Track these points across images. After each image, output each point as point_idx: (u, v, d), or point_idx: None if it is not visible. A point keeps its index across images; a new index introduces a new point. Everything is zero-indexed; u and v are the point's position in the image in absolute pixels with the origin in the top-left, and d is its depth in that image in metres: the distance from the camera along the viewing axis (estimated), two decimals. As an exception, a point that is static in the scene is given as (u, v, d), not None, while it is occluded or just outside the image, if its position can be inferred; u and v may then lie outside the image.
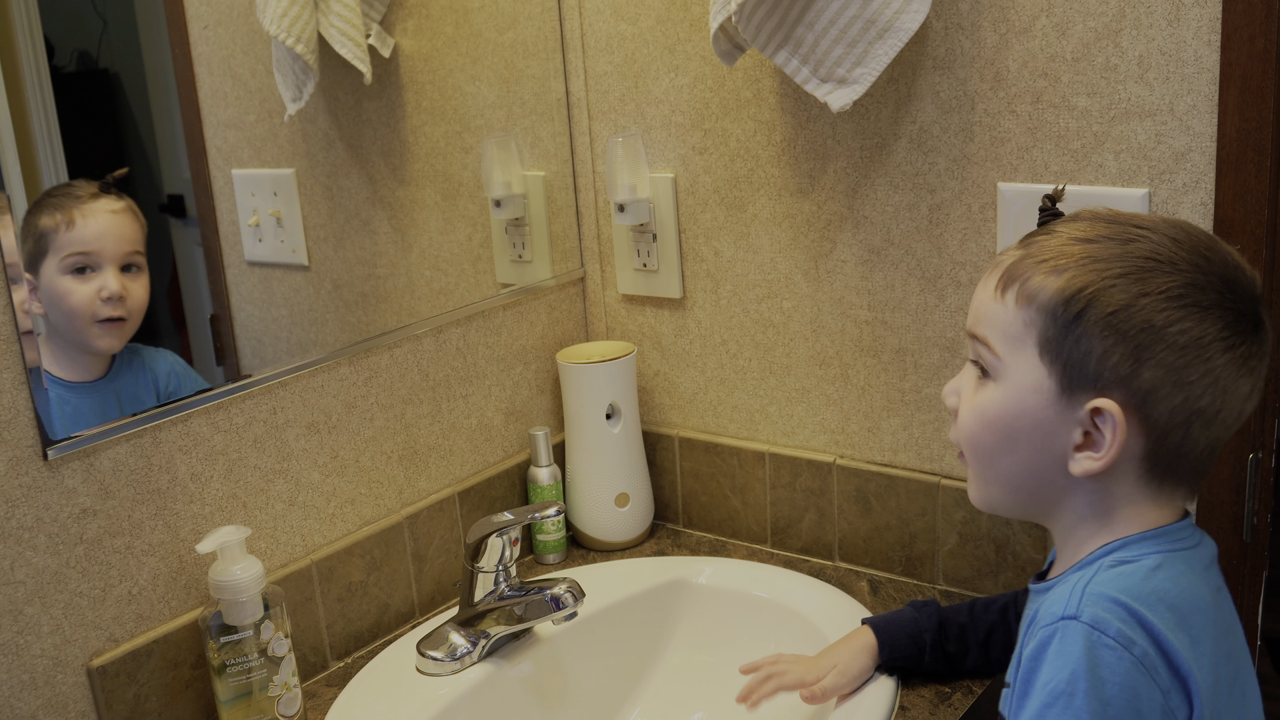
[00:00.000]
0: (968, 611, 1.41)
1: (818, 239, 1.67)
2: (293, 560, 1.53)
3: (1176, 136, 1.37)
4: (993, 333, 1.08)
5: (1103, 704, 0.95)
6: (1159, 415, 1.02)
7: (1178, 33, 1.35)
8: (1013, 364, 1.06)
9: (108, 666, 1.33)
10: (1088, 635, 0.98)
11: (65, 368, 1.36)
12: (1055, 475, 1.07)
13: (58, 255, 1.34)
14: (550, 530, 1.81)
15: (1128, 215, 1.07)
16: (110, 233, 1.38)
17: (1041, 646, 1.00)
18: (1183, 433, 1.03)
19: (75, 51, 1.37)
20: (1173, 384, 1.01)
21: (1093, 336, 1.01)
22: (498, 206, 1.83)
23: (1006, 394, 1.07)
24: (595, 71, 1.83)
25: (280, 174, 1.59)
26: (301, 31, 1.55)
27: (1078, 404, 1.03)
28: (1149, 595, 1.01)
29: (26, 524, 1.26)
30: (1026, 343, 1.05)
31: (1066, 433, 1.05)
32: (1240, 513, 1.41)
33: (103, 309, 1.37)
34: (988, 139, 1.50)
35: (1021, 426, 1.06)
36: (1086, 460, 1.04)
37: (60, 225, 1.33)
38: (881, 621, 1.42)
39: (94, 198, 1.36)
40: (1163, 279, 1.01)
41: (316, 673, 1.56)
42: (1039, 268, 1.04)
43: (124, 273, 1.39)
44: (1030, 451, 1.07)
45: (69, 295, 1.35)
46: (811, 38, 1.48)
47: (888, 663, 1.41)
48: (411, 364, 1.67)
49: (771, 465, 1.78)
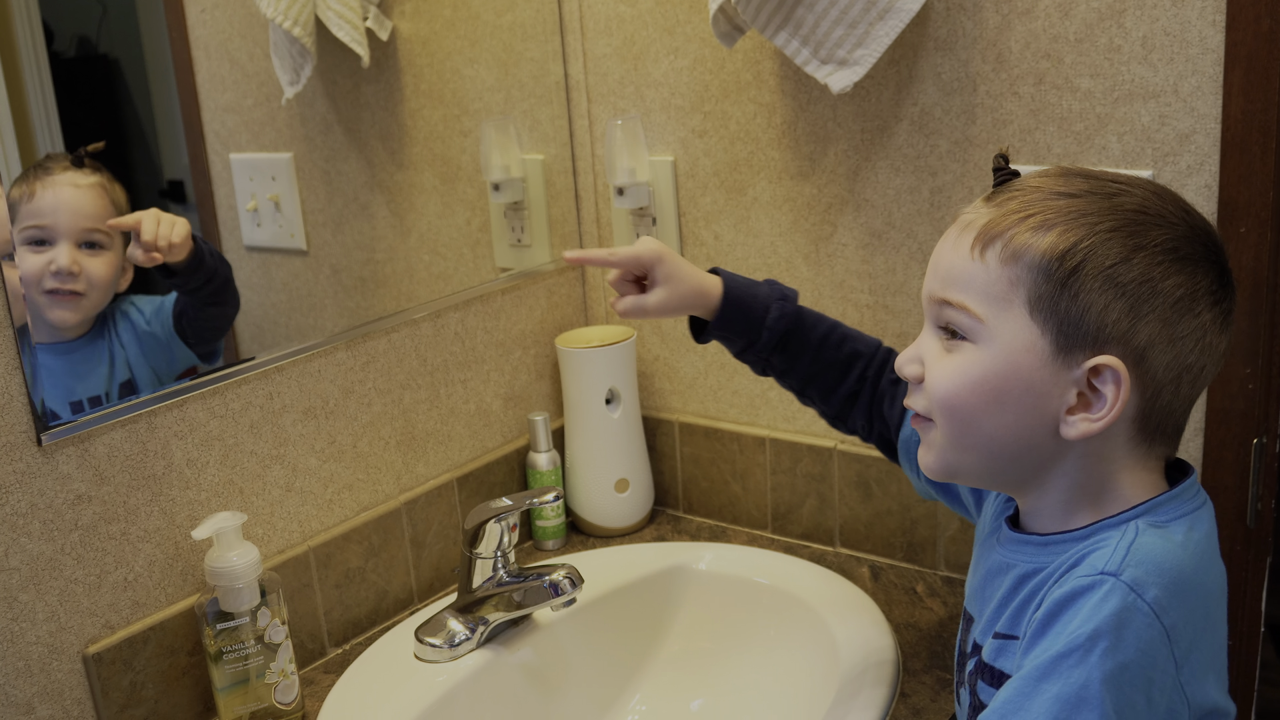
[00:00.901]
0: (820, 336, 1.37)
1: (818, 222, 1.66)
2: (290, 546, 1.53)
3: (1181, 118, 1.36)
4: (970, 294, 1.03)
5: (1118, 667, 0.94)
6: (1154, 371, 1.00)
7: (1182, 13, 1.33)
8: (998, 325, 1.01)
9: (103, 654, 1.33)
10: (1125, 596, 0.95)
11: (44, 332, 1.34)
12: (1043, 440, 1.03)
13: (18, 226, 1.31)
14: (549, 516, 1.80)
15: (1100, 171, 1.04)
16: (67, 206, 1.35)
17: (1074, 594, 0.97)
18: (1173, 390, 1.01)
19: (74, 37, 1.36)
20: (1167, 339, 0.99)
21: (1091, 291, 0.98)
22: (496, 190, 1.82)
23: (993, 355, 1.02)
24: (594, 54, 1.82)
25: (278, 158, 1.58)
26: (299, 15, 1.55)
27: (1075, 363, 1.00)
28: (1186, 566, 0.99)
29: (21, 510, 1.26)
30: (1014, 302, 1.00)
31: (1060, 394, 1.01)
32: (1244, 498, 1.41)
33: (50, 281, 1.34)
34: (990, 121, 1.49)
35: (1010, 389, 1.02)
36: (1083, 423, 1.00)
37: (23, 196, 1.31)
38: (732, 293, 1.37)
39: (62, 170, 1.34)
40: (1156, 232, 0.99)
41: (314, 660, 1.55)
42: (1024, 223, 1.00)
43: (83, 249, 1.36)
44: (1018, 414, 1.02)
45: (21, 264, 1.31)
46: (812, 19, 1.47)
47: (713, 328, 1.38)
48: (410, 349, 1.66)
49: (772, 450, 1.78)
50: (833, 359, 1.37)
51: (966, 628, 1.16)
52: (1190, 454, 1.44)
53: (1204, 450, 1.43)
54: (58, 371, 1.34)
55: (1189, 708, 0.99)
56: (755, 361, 1.40)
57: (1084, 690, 0.93)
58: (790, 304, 1.37)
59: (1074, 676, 0.94)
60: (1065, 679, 0.94)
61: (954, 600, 1.58)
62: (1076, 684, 0.93)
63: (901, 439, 1.36)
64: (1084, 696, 0.93)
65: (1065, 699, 0.93)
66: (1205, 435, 1.42)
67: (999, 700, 0.98)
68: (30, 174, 1.32)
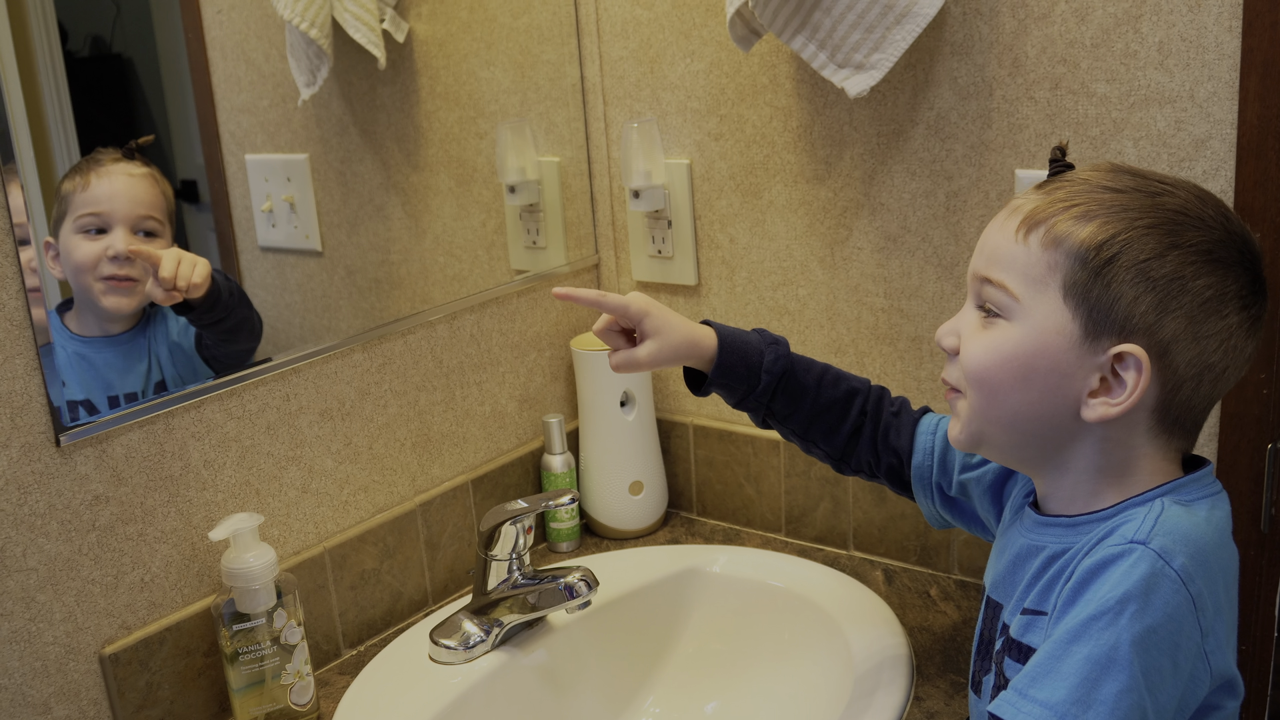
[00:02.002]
0: (815, 378, 1.38)
1: (834, 226, 1.66)
2: (306, 548, 1.53)
3: (1196, 123, 1.36)
4: (1010, 275, 1.07)
5: (1147, 628, 0.97)
6: (1176, 366, 1.03)
7: (1198, 18, 1.33)
8: (1033, 305, 1.05)
9: (120, 654, 1.33)
10: (1153, 562, 0.98)
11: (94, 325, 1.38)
12: (1064, 419, 1.07)
13: (73, 215, 1.35)
14: (564, 518, 1.80)
15: (1149, 171, 1.07)
16: (123, 194, 1.38)
17: (1104, 563, 1.00)
18: (1193, 386, 1.04)
19: (89, 36, 1.37)
20: (1192, 336, 1.02)
21: (1123, 282, 1.02)
22: (512, 192, 1.82)
23: (1025, 333, 1.06)
24: (610, 57, 1.82)
25: (294, 159, 1.58)
26: (316, 16, 1.55)
27: (1100, 349, 1.03)
28: (1210, 540, 1.03)
29: (39, 511, 1.26)
30: (1050, 285, 1.04)
31: (1084, 377, 1.05)
32: (1259, 503, 1.40)
33: (107, 267, 1.37)
34: (1005, 125, 1.49)
35: (1038, 367, 1.06)
36: (1102, 406, 1.04)
37: (78, 187, 1.35)
38: (726, 341, 1.37)
39: (114, 161, 1.37)
40: (1193, 233, 1.02)
41: (329, 661, 1.56)
42: (1067, 212, 1.04)
43: (138, 236, 1.39)
44: (1043, 392, 1.06)
45: (75, 251, 1.35)
46: (829, 23, 1.47)
47: (713, 378, 1.37)
48: (425, 350, 1.67)
49: (786, 453, 1.78)
50: (832, 397, 1.38)
51: (993, 614, 1.18)
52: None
53: (1218, 455, 1.42)
54: (100, 365, 1.37)
55: (1210, 675, 1.02)
56: (756, 408, 1.39)
57: (1113, 651, 0.96)
58: (783, 348, 1.39)
59: (1104, 638, 0.97)
60: (1095, 641, 0.97)
61: (968, 604, 1.58)
62: (1106, 645, 0.96)
63: (915, 466, 1.36)
64: (1113, 658, 0.96)
65: (1095, 659, 0.96)
66: (1220, 440, 1.42)
67: (1032, 663, 1.00)
68: (83, 166, 1.35)
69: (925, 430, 1.37)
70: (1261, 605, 1.43)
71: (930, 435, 1.36)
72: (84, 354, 1.36)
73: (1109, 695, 0.96)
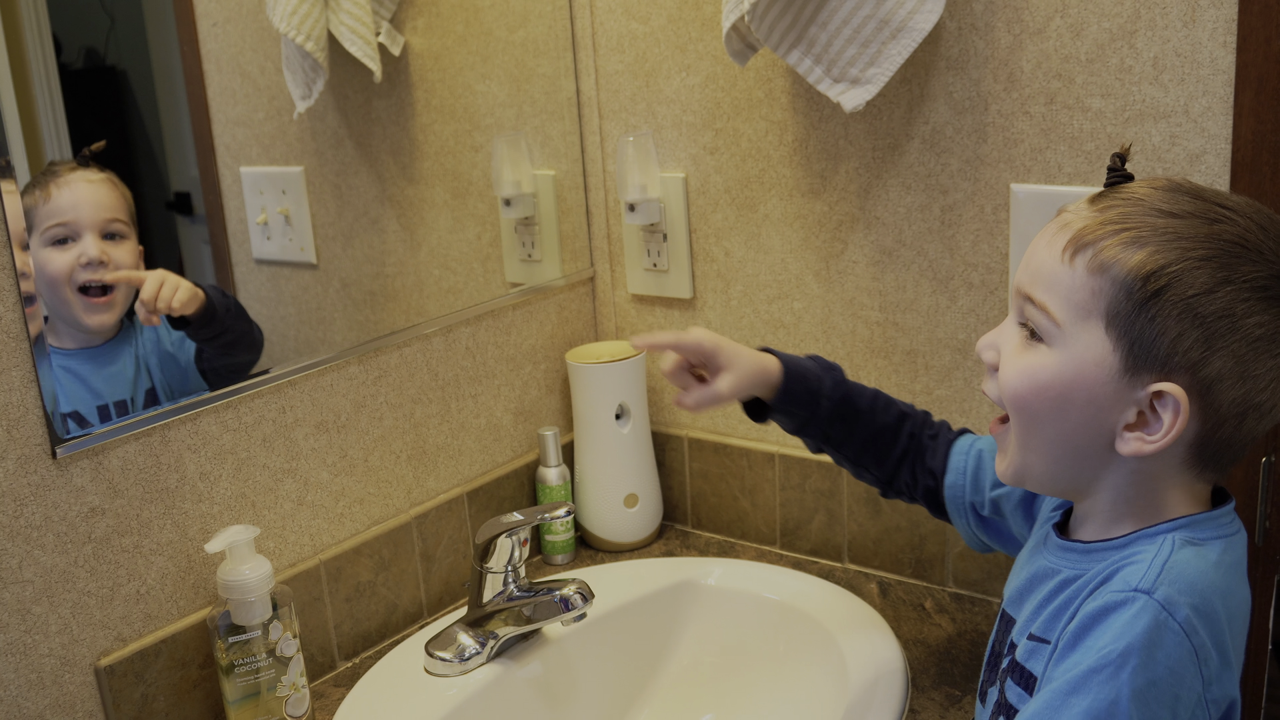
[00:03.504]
0: (869, 402, 1.39)
1: (829, 240, 1.67)
2: (301, 560, 1.53)
3: (1191, 139, 1.37)
4: (1053, 298, 1.03)
5: (1149, 682, 0.95)
6: (1219, 405, 0.99)
7: (1193, 34, 1.34)
8: (1074, 333, 1.02)
9: (115, 666, 1.33)
10: (1156, 614, 0.96)
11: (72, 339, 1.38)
12: (1099, 450, 1.04)
13: (39, 229, 1.33)
14: (559, 531, 1.81)
15: (1211, 192, 1.02)
16: (86, 200, 1.37)
17: (1107, 610, 0.98)
18: (1235, 424, 1.01)
19: (83, 49, 1.37)
20: (1239, 375, 0.98)
21: (1168, 318, 0.97)
22: (507, 205, 1.82)
23: (1064, 362, 1.02)
24: (606, 70, 1.83)
25: (289, 172, 1.58)
26: (311, 29, 1.55)
27: (1140, 384, 1.00)
28: (1218, 587, 1.00)
29: (35, 522, 1.26)
30: (1093, 313, 1.00)
31: (1121, 410, 1.01)
32: (1253, 516, 1.41)
33: (82, 274, 1.36)
34: (1001, 140, 1.50)
35: (1075, 398, 1.02)
36: (1137, 441, 1.01)
37: (39, 201, 1.33)
38: (790, 368, 1.37)
39: (70, 170, 1.37)
40: (1249, 268, 0.97)
41: (324, 673, 1.55)
42: (1117, 236, 0.99)
43: (106, 240, 1.38)
44: (1080, 423, 1.03)
45: (48, 264, 1.34)
46: (825, 37, 1.47)
47: (777, 405, 1.37)
48: (420, 363, 1.67)
49: (781, 466, 1.78)
50: (884, 422, 1.39)
51: (1006, 628, 1.17)
52: (1199, 473, 1.44)
53: (1213, 469, 1.43)
54: (85, 376, 1.36)
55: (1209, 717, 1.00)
56: (814, 434, 1.40)
57: (1114, 706, 0.94)
58: (839, 374, 1.40)
59: (1104, 692, 0.95)
60: (1096, 694, 0.95)
61: (962, 617, 1.59)
62: (1107, 700, 0.95)
63: (948, 486, 1.36)
64: (1113, 713, 0.94)
65: (1095, 713, 0.95)
66: (1215, 454, 1.42)
67: (1029, 711, 0.99)
68: (40, 179, 1.34)
69: (960, 451, 1.36)
70: (1255, 619, 1.43)
71: (964, 455, 1.35)
72: (68, 367, 1.35)
73: None
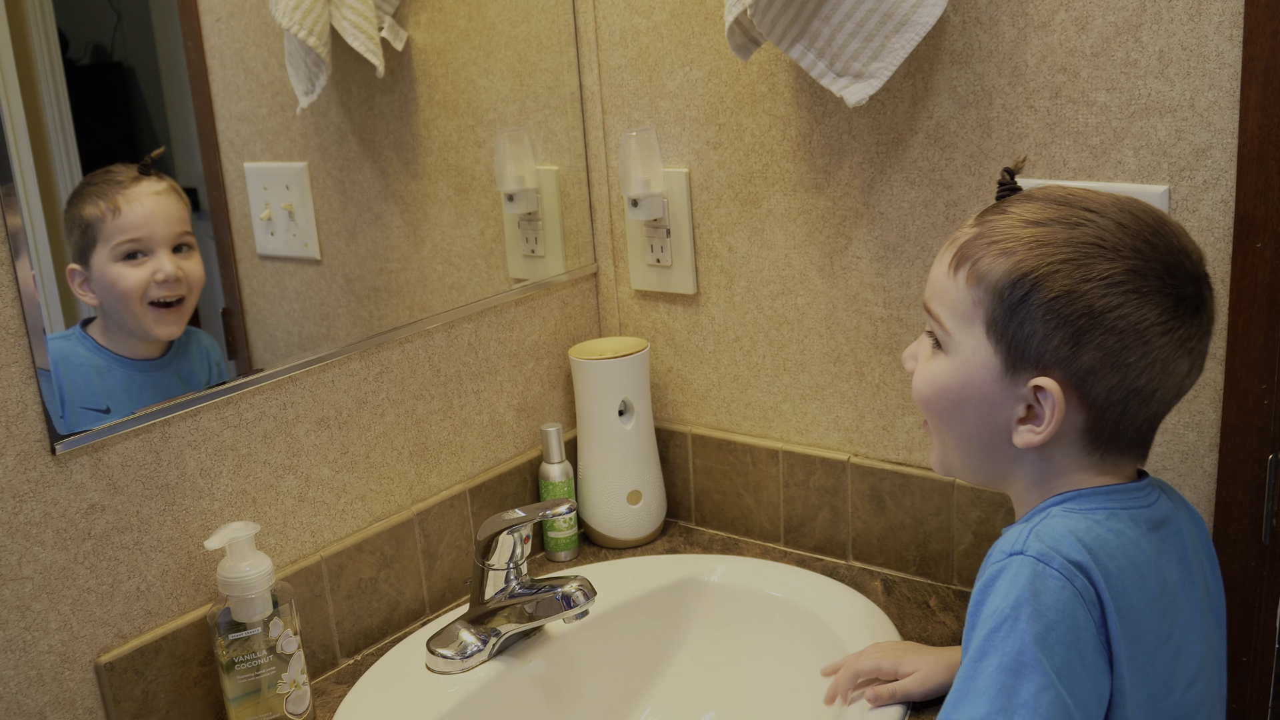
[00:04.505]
0: None
1: (833, 235, 1.66)
2: (302, 557, 1.53)
3: (1197, 133, 1.36)
4: (945, 309, 1.13)
5: (1045, 627, 1.00)
6: (1097, 393, 1.07)
7: (1199, 27, 1.33)
8: (962, 340, 1.11)
9: (115, 663, 1.33)
10: (1033, 566, 1.03)
11: (127, 346, 1.39)
12: (1001, 444, 1.13)
13: (108, 243, 1.35)
14: (561, 527, 1.80)
15: (1080, 196, 1.10)
16: (158, 215, 1.39)
17: (990, 580, 1.05)
18: (1120, 409, 1.08)
19: (89, 44, 1.36)
20: (1111, 365, 1.06)
21: (1036, 320, 1.06)
22: (510, 201, 1.82)
23: (955, 367, 1.12)
24: (609, 65, 1.82)
25: (292, 167, 1.58)
26: (314, 24, 1.55)
27: (1020, 381, 1.09)
28: (1092, 540, 1.05)
29: (34, 519, 1.25)
30: (975, 321, 1.10)
31: (1010, 407, 1.10)
32: (1259, 514, 1.40)
33: (156, 290, 1.38)
34: (1005, 134, 1.49)
35: (969, 398, 1.12)
36: (1028, 433, 1.10)
37: (106, 213, 1.35)
38: None
39: (135, 181, 1.38)
40: (1104, 265, 1.05)
41: (326, 670, 1.55)
42: (990, 249, 1.09)
43: (176, 253, 1.40)
44: (978, 421, 1.13)
45: (120, 280, 1.36)
46: (828, 31, 1.47)
47: None
48: (423, 359, 1.66)
49: (785, 463, 1.77)
50: None
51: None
52: (1205, 470, 1.43)
53: (1219, 466, 1.42)
54: (118, 380, 1.38)
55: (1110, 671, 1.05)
56: None
57: (1021, 655, 1.00)
58: None
59: (1008, 645, 1.01)
60: (1001, 649, 1.01)
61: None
62: (1013, 651, 1.00)
63: None
64: (1022, 661, 1.00)
65: (1006, 667, 1.00)
66: (1220, 451, 1.41)
67: (951, 690, 1.05)
68: (103, 190, 1.36)
69: None
70: (1262, 617, 1.42)
71: None
72: (107, 367, 1.37)
73: (1028, 696, 0.99)
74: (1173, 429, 1.45)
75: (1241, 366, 1.37)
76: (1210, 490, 1.44)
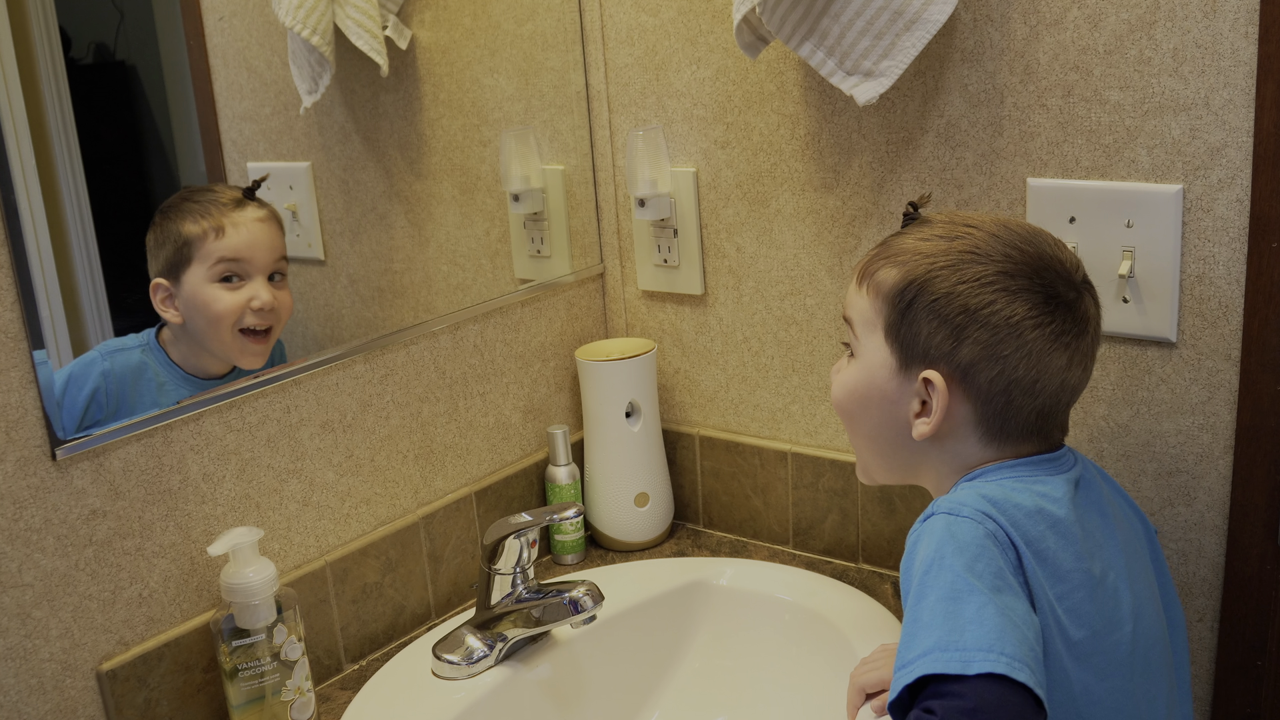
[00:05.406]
0: None
1: (842, 235, 1.65)
2: (306, 562, 1.51)
3: (1212, 131, 1.34)
4: (855, 318, 1.26)
5: (971, 558, 1.07)
6: (980, 384, 1.17)
7: (1214, 25, 1.31)
8: (867, 345, 1.24)
9: (118, 670, 1.32)
10: (946, 518, 1.11)
11: (199, 366, 1.41)
12: (905, 439, 1.23)
13: (205, 263, 1.37)
14: (568, 531, 1.79)
15: (963, 216, 1.23)
16: (261, 242, 1.42)
17: (913, 545, 1.13)
18: (1005, 399, 1.18)
19: (92, 44, 1.36)
20: (989, 358, 1.16)
21: (921, 320, 1.18)
22: (516, 201, 1.81)
23: (860, 369, 1.25)
24: (615, 64, 1.80)
25: (296, 167, 1.57)
26: (317, 23, 1.54)
27: (912, 377, 1.20)
28: (999, 496, 1.13)
29: (35, 525, 1.24)
30: (877, 327, 1.23)
31: (906, 402, 1.22)
32: (1274, 517, 1.38)
33: (250, 318, 1.41)
34: (1017, 133, 1.47)
35: (872, 396, 1.24)
36: (921, 425, 1.20)
37: (208, 233, 1.37)
38: None
39: (239, 205, 1.41)
40: (977, 268, 1.17)
41: (330, 676, 1.54)
42: (886, 263, 1.22)
43: (270, 281, 1.43)
44: (881, 417, 1.24)
45: (215, 303, 1.39)
46: (837, 29, 1.45)
47: None
48: (428, 361, 1.65)
49: (794, 465, 1.76)
50: None
51: None
52: (1220, 472, 1.42)
53: (1233, 468, 1.40)
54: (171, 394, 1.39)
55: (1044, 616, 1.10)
56: None
57: (955, 582, 1.06)
58: None
59: (941, 579, 1.07)
60: (935, 586, 1.07)
61: (978, 618, 1.57)
62: (946, 582, 1.06)
63: None
64: (957, 587, 1.06)
65: (944, 596, 1.06)
66: (1235, 453, 1.40)
67: (900, 636, 1.09)
68: (206, 209, 1.38)
69: None
70: (1277, 620, 1.41)
71: None
72: (172, 383, 1.38)
73: (972, 614, 1.03)
74: (1187, 430, 1.43)
75: (1256, 368, 1.36)
76: (1225, 492, 1.42)
